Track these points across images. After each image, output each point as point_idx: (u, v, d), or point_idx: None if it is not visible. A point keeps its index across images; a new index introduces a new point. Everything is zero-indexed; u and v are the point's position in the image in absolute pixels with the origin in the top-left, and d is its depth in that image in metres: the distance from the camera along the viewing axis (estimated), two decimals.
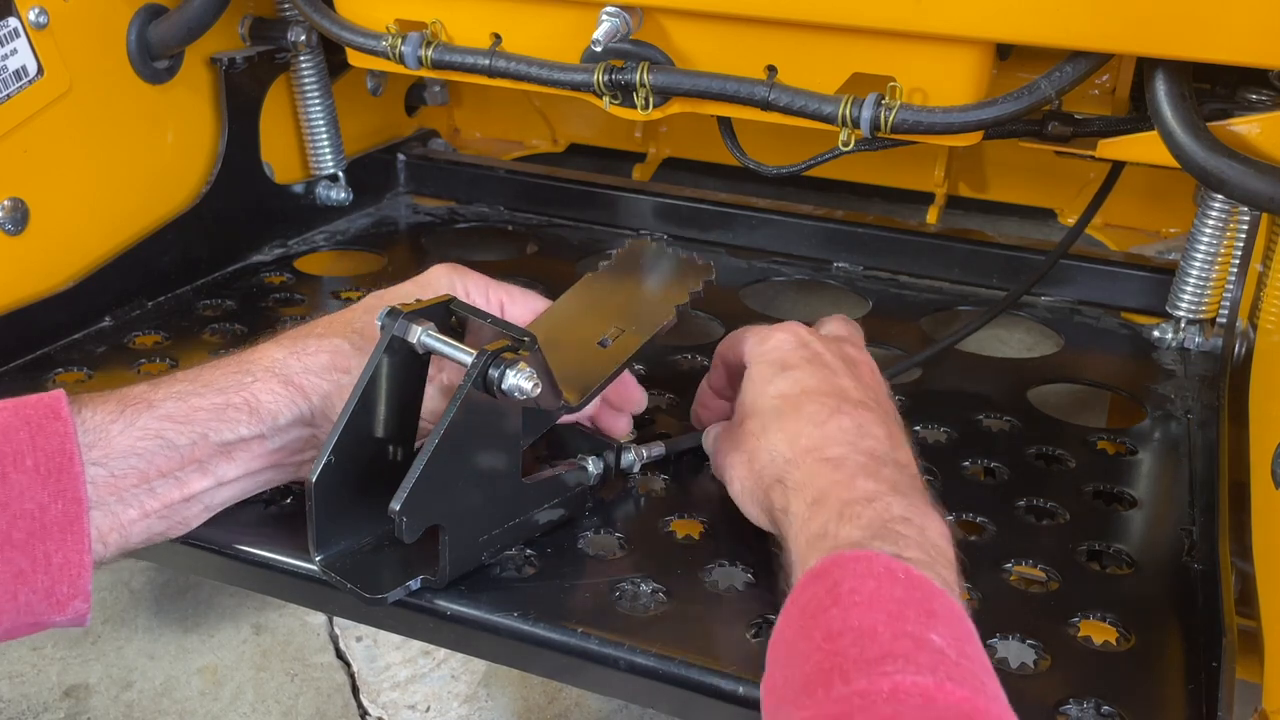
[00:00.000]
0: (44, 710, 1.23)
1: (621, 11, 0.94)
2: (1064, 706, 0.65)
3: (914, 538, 0.62)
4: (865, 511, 0.63)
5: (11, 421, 0.66)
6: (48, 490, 0.65)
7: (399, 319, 0.72)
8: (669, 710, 0.71)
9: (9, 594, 0.65)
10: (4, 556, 0.64)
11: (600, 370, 0.79)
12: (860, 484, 0.66)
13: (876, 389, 0.78)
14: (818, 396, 0.73)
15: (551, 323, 0.83)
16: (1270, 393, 0.88)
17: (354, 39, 1.08)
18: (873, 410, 0.74)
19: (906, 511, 0.64)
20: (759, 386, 0.76)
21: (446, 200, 1.46)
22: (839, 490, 0.66)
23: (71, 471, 0.66)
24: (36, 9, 0.99)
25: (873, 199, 1.55)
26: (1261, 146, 0.88)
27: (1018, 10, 0.84)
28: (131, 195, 1.13)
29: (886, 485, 0.66)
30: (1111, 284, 1.18)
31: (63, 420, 0.67)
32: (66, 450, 0.66)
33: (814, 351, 0.77)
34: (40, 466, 0.65)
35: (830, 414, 0.72)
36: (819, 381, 0.74)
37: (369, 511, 0.73)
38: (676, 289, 0.86)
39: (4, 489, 0.64)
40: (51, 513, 0.66)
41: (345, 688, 1.26)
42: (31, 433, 0.66)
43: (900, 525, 0.62)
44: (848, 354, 0.80)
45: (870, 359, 0.82)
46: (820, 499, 0.66)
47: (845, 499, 0.65)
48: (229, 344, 1.07)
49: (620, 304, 0.86)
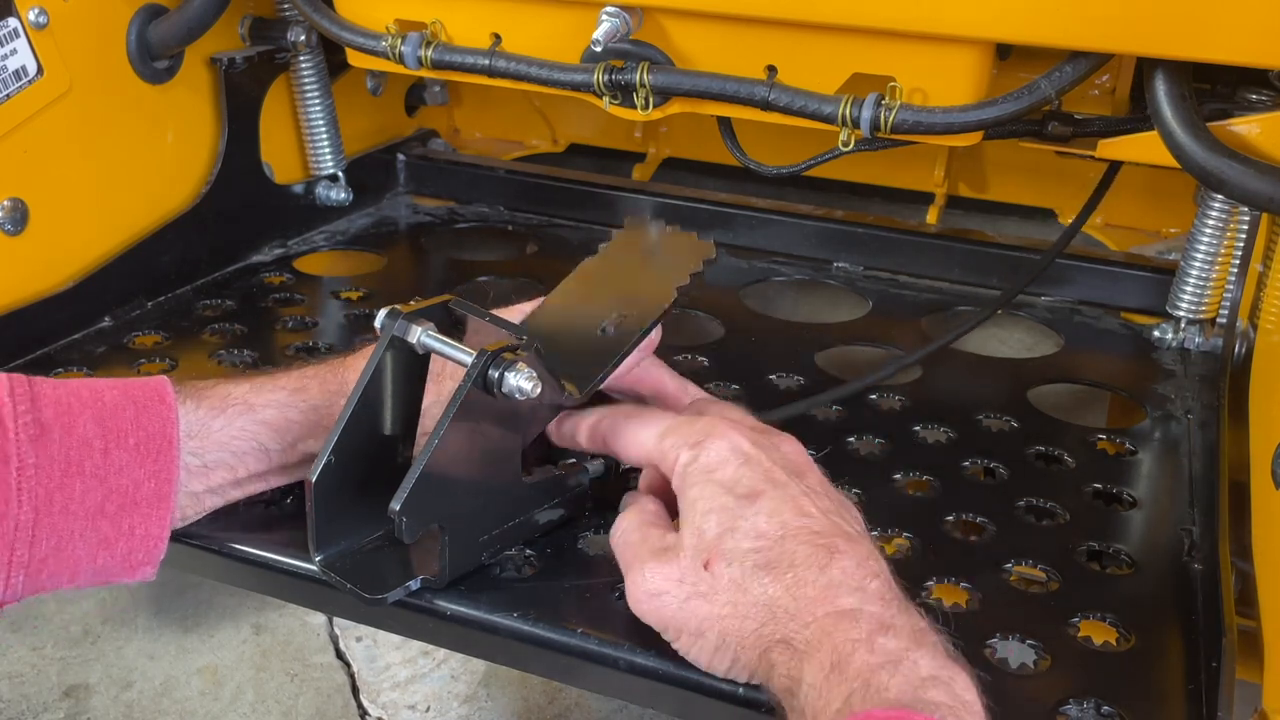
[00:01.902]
0: (44, 710, 1.23)
1: (621, 11, 0.94)
2: (1064, 706, 0.65)
3: (946, 703, 0.55)
4: (893, 681, 0.56)
5: (119, 400, 0.71)
6: (144, 469, 0.70)
7: (399, 319, 0.72)
8: (669, 710, 0.71)
9: (90, 557, 0.69)
10: (94, 525, 0.69)
11: (602, 359, 0.79)
12: (882, 643, 0.58)
13: (831, 491, 0.70)
14: (804, 535, 0.64)
15: (551, 312, 0.82)
16: (1270, 393, 0.89)
17: (354, 39, 1.08)
18: (853, 533, 0.66)
19: (933, 668, 0.57)
20: (722, 522, 0.65)
21: (446, 200, 1.46)
22: (860, 653, 0.57)
23: (169, 454, 0.71)
24: (36, 9, 0.99)
25: (873, 199, 1.55)
26: (1261, 146, 0.88)
27: (1018, 10, 0.84)
28: (131, 195, 1.13)
29: (908, 636, 0.59)
30: (1111, 284, 1.18)
31: (168, 405, 0.72)
32: (167, 434, 0.71)
33: (763, 468, 0.67)
34: (141, 445, 0.70)
35: (829, 555, 0.62)
36: (793, 511, 0.65)
37: (369, 511, 0.72)
38: (677, 269, 0.83)
39: (105, 463, 0.69)
40: (144, 489, 0.70)
41: (345, 688, 1.26)
42: (137, 412, 0.71)
43: (932, 690, 0.56)
44: (787, 457, 0.70)
45: (795, 446, 0.72)
46: (839, 665, 0.57)
47: (870, 664, 0.57)
48: (229, 344, 1.07)
49: (620, 288, 0.84)
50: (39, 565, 0.67)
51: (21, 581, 0.67)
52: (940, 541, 0.80)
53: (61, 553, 0.68)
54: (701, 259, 0.84)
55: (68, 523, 0.68)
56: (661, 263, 0.86)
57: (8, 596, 0.67)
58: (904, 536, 0.80)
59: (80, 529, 0.68)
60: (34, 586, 0.68)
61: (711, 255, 0.84)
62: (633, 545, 0.69)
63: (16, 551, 0.66)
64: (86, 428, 0.69)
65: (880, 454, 0.91)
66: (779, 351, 1.06)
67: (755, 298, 1.22)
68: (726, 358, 1.05)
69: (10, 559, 0.66)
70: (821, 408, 0.96)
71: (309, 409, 0.76)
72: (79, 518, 0.68)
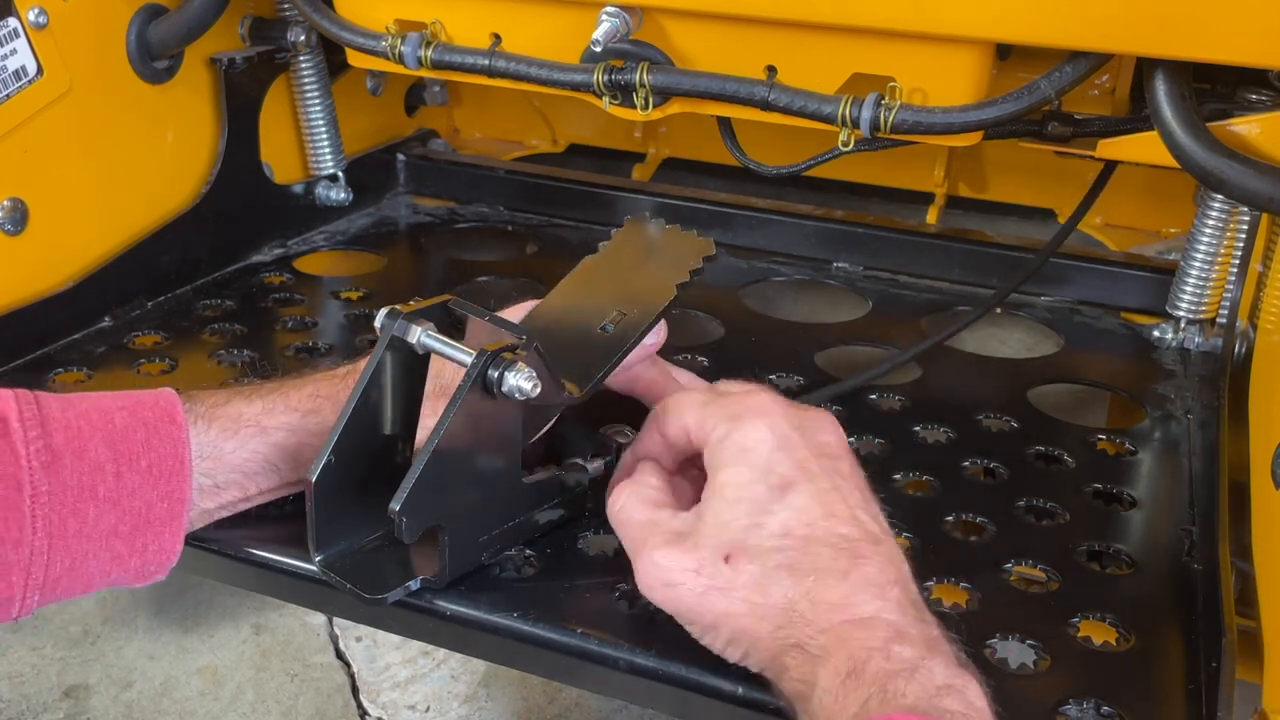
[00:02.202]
0: (44, 710, 1.23)
1: (621, 11, 0.94)
2: (1064, 706, 0.65)
3: (960, 711, 0.55)
4: (910, 688, 0.56)
5: (130, 422, 0.71)
6: (157, 490, 0.71)
7: (399, 319, 0.72)
8: (669, 710, 0.71)
9: (103, 572, 0.70)
10: (109, 545, 0.70)
11: (603, 357, 0.79)
12: (897, 651, 0.57)
13: (862, 482, 0.68)
14: (831, 538, 0.63)
15: (551, 310, 0.83)
16: (1270, 393, 0.89)
17: (354, 39, 1.08)
18: (880, 532, 0.65)
19: (948, 677, 0.57)
20: (751, 514, 0.63)
21: (446, 200, 1.46)
22: (877, 660, 0.57)
23: (181, 475, 0.71)
24: (36, 9, 0.99)
25: (873, 199, 1.55)
26: (1261, 146, 0.88)
27: (1018, 10, 0.84)
28: (131, 195, 1.13)
29: (922, 644, 0.58)
30: (1111, 284, 1.18)
31: (178, 426, 0.72)
32: (179, 455, 0.71)
33: (799, 455, 0.65)
34: (153, 468, 0.70)
35: (852, 561, 0.61)
36: (822, 509, 0.63)
37: (369, 511, 0.72)
38: (677, 267, 0.84)
39: (118, 487, 0.69)
40: (157, 510, 0.71)
41: (345, 688, 1.26)
42: (148, 434, 0.71)
43: (947, 698, 0.56)
44: (823, 444, 0.68)
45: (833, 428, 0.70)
46: (855, 671, 0.57)
47: (886, 671, 0.56)
48: (229, 344, 1.07)
49: (620, 286, 0.84)
50: (53, 584, 0.68)
51: (36, 599, 0.68)
52: (940, 541, 0.80)
53: (75, 571, 0.69)
54: (701, 256, 0.84)
55: (81, 545, 0.68)
56: (661, 260, 0.86)
57: (23, 613, 0.68)
58: (904, 536, 0.79)
59: (94, 549, 0.69)
60: (48, 600, 0.69)
61: (711, 252, 0.84)
62: (640, 525, 0.67)
63: (32, 575, 0.67)
64: (98, 451, 0.69)
65: (880, 454, 0.91)
66: (779, 351, 1.06)
67: (755, 298, 1.22)
68: (726, 358, 1.05)
69: (26, 582, 0.67)
70: (822, 408, 0.96)
71: (321, 431, 0.76)
72: (93, 539, 0.69)
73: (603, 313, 0.81)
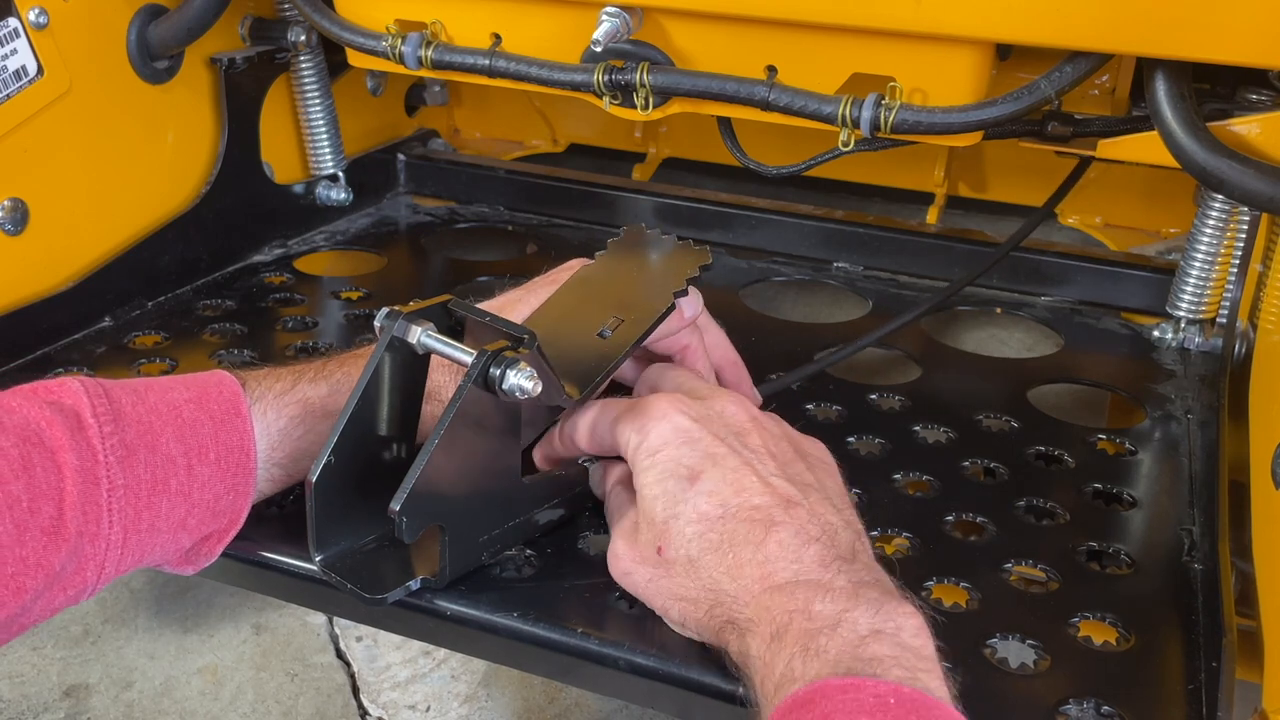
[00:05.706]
0: (44, 710, 1.23)
1: (621, 11, 0.94)
2: (1064, 706, 0.65)
3: (889, 655, 0.56)
4: (831, 643, 0.57)
5: (197, 416, 0.72)
6: (224, 483, 0.72)
7: (399, 319, 0.72)
8: (669, 710, 0.71)
9: (161, 561, 0.73)
10: (175, 537, 0.71)
11: (600, 362, 0.79)
12: (818, 609, 0.59)
13: (778, 445, 0.71)
14: (743, 512, 0.65)
15: (550, 316, 0.83)
16: (1270, 393, 0.89)
17: (354, 39, 1.08)
18: (797, 493, 0.67)
19: (875, 621, 0.58)
20: (667, 507, 0.67)
21: (446, 200, 1.46)
22: (798, 621, 0.59)
23: (247, 468, 0.73)
24: (36, 9, 0.99)
25: (873, 199, 1.55)
26: (1261, 146, 0.88)
27: (1018, 10, 0.84)
28: (131, 195, 1.13)
29: (845, 596, 0.60)
30: (1111, 284, 1.18)
31: (242, 418, 0.73)
32: (245, 448, 0.73)
33: (703, 445, 0.69)
34: (221, 460, 0.72)
35: (766, 530, 0.64)
36: (733, 488, 0.66)
37: (369, 511, 0.73)
38: (674, 276, 0.85)
39: (190, 480, 0.71)
40: (224, 502, 0.73)
41: (345, 688, 1.26)
42: (215, 427, 0.72)
43: (874, 645, 0.57)
44: (728, 423, 0.71)
45: (736, 406, 0.73)
46: (779, 634, 0.59)
47: (807, 630, 0.58)
48: (229, 344, 1.07)
49: (618, 293, 0.85)
50: (119, 573, 0.70)
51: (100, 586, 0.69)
52: (940, 541, 0.80)
53: (141, 561, 0.71)
54: (698, 265, 0.85)
55: (153, 538, 0.70)
56: (658, 269, 0.87)
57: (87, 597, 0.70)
58: (904, 536, 0.80)
59: (162, 541, 0.70)
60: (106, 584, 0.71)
61: (708, 262, 0.86)
62: (612, 515, 0.74)
63: (106, 569, 0.68)
64: (169, 446, 0.70)
65: (880, 454, 0.91)
66: (779, 351, 1.06)
67: (755, 298, 1.22)
68: None
69: (100, 575, 0.68)
70: (821, 408, 0.96)
71: None
72: (163, 533, 0.70)
73: (600, 320, 0.81)
